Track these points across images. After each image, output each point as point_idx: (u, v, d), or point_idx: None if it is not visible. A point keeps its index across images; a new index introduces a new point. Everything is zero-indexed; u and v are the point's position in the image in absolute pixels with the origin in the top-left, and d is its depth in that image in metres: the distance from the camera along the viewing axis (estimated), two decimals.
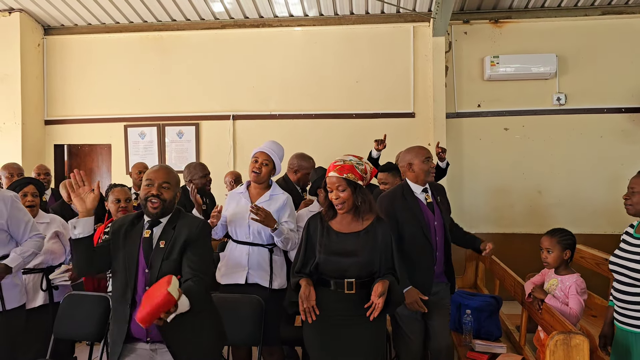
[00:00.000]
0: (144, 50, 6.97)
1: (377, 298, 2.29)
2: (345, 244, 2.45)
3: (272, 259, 3.19)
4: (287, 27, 6.78)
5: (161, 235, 2.26)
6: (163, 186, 2.26)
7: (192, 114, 6.88)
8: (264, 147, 3.32)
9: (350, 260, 2.41)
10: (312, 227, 2.57)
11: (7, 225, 2.58)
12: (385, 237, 2.47)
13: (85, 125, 7.08)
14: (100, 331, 3.15)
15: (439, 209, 3.08)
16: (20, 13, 6.69)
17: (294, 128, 6.64)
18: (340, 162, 2.44)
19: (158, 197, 2.24)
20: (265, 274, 3.17)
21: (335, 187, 2.43)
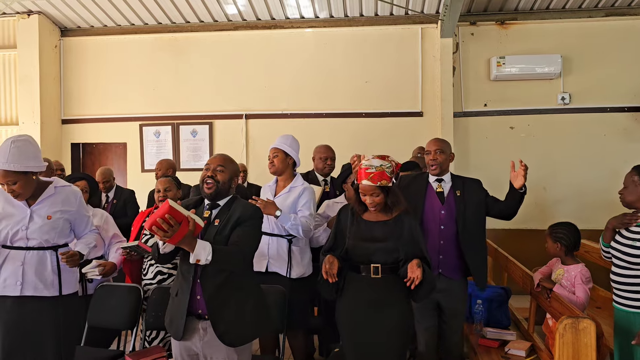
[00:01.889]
0: (158, 51, 7.15)
1: (415, 267, 2.47)
2: (372, 231, 2.65)
3: (291, 249, 3.39)
4: (298, 29, 6.96)
5: (217, 215, 2.47)
6: (217, 169, 2.47)
7: (206, 113, 7.07)
8: (276, 142, 3.54)
9: (376, 245, 2.61)
10: (343, 216, 2.78)
11: (74, 217, 2.75)
12: (412, 227, 2.65)
13: (101, 124, 7.27)
14: (132, 320, 3.34)
15: (453, 200, 3.15)
16: (38, 15, 6.88)
17: (304, 127, 6.82)
18: (373, 170, 2.61)
19: (212, 178, 2.44)
20: (283, 263, 3.38)
21: (369, 194, 2.63)
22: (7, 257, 2.62)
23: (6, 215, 2.64)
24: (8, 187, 2.57)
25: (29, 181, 2.61)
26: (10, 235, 2.60)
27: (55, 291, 2.65)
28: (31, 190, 2.64)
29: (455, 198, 3.15)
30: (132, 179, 7.11)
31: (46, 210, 2.66)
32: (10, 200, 2.67)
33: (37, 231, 2.61)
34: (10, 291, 2.59)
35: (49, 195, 2.70)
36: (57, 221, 2.68)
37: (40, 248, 2.64)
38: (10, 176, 2.55)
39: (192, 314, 2.41)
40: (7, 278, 2.60)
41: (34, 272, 2.61)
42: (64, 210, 2.71)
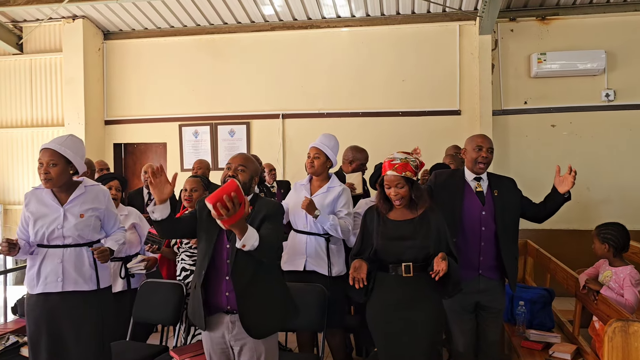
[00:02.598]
0: (197, 52, 7.28)
1: (440, 261, 2.45)
2: (400, 230, 2.64)
3: (329, 248, 3.41)
4: (334, 28, 6.97)
5: None
6: (239, 169, 2.51)
7: (243, 113, 7.16)
8: (316, 141, 3.54)
9: (406, 243, 2.60)
10: (369, 218, 2.77)
11: (103, 214, 2.85)
12: (438, 224, 2.64)
13: (142, 124, 7.46)
14: (175, 316, 3.42)
15: (492, 200, 3.05)
16: (82, 20, 7.11)
17: (341, 126, 6.82)
18: (398, 161, 2.62)
19: (234, 177, 2.48)
20: (322, 262, 3.39)
21: (394, 185, 2.62)
22: (46, 256, 2.72)
23: (40, 215, 2.74)
24: (45, 168, 2.68)
25: (65, 173, 2.73)
26: (47, 234, 2.71)
27: (94, 285, 2.76)
28: (61, 182, 2.74)
29: (493, 198, 3.06)
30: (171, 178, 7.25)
31: (78, 209, 2.76)
32: (43, 200, 2.77)
33: (72, 229, 2.71)
34: (51, 287, 2.70)
35: (79, 194, 2.80)
36: (89, 219, 2.77)
37: (76, 245, 2.75)
38: (55, 158, 2.69)
39: (221, 309, 2.46)
40: (47, 275, 2.71)
41: (73, 268, 2.71)
42: (94, 208, 2.81)
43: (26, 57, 7.50)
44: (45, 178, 2.69)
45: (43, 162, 2.69)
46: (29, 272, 2.75)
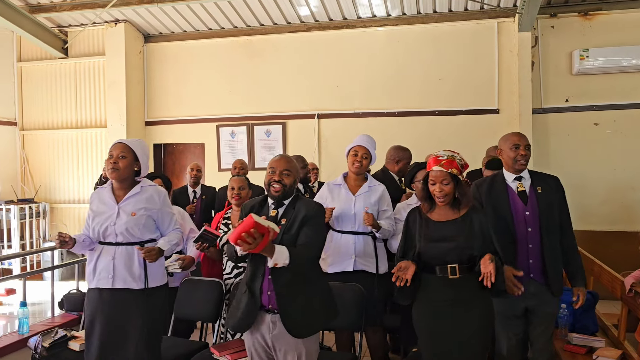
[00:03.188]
0: (234, 54, 7.39)
1: (487, 263, 2.41)
2: (443, 231, 2.61)
3: (376, 246, 3.42)
4: (370, 28, 6.95)
5: (283, 214, 2.56)
6: (284, 173, 2.53)
7: (279, 114, 7.22)
8: (361, 141, 3.53)
9: (449, 245, 2.56)
10: (412, 219, 2.75)
11: (157, 214, 2.92)
12: (481, 224, 2.59)
13: (180, 125, 7.62)
14: (215, 313, 3.49)
15: (535, 199, 2.93)
16: (124, 24, 7.31)
17: (377, 126, 6.81)
18: (444, 157, 2.60)
19: (279, 183, 2.52)
20: (371, 260, 3.40)
21: (439, 181, 2.58)
22: (101, 252, 2.84)
23: (99, 212, 2.86)
24: (115, 158, 2.81)
25: (130, 167, 2.85)
26: (102, 231, 2.81)
27: (142, 284, 2.82)
28: (125, 175, 2.84)
29: (537, 196, 2.94)
30: (209, 178, 7.37)
31: (131, 207, 2.84)
32: (103, 199, 2.88)
33: (123, 227, 2.79)
34: (103, 283, 2.81)
35: (135, 193, 2.88)
36: (141, 218, 2.84)
37: (127, 243, 2.83)
38: (126, 151, 2.83)
39: (261, 308, 2.50)
40: (101, 271, 2.81)
41: (123, 266, 2.80)
42: (147, 208, 2.87)
43: (71, 61, 7.76)
44: (112, 168, 2.80)
45: (113, 154, 2.82)
46: (88, 267, 2.87)
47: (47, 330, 3.67)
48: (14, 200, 7.57)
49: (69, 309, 4.64)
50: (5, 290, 5.89)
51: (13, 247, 7.36)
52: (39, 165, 7.96)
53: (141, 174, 2.93)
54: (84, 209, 7.61)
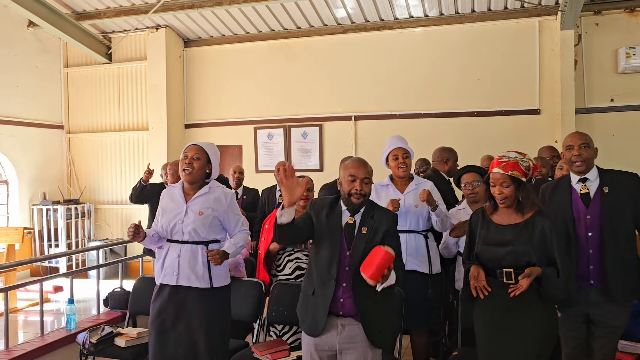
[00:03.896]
0: (271, 56, 7.47)
1: (521, 278, 2.38)
2: (502, 235, 2.54)
3: (428, 245, 3.39)
4: (407, 29, 6.92)
5: (362, 222, 2.52)
6: (364, 181, 2.51)
7: (316, 116, 7.27)
8: (395, 143, 3.50)
9: (505, 249, 2.50)
10: (474, 220, 2.70)
11: (223, 215, 2.94)
12: (544, 229, 2.50)
13: (219, 128, 7.76)
14: (254, 313, 3.53)
15: (599, 201, 2.76)
16: (165, 29, 7.50)
17: (413, 127, 6.76)
18: (505, 159, 2.54)
19: (360, 193, 2.49)
20: (423, 260, 3.37)
21: (499, 183, 2.53)
22: (169, 249, 2.89)
23: (168, 209, 2.93)
24: (189, 159, 2.87)
25: (203, 169, 2.90)
26: (170, 228, 2.87)
27: (206, 283, 2.85)
28: (198, 176, 2.90)
29: (602, 197, 2.77)
30: (247, 179, 7.45)
31: (199, 207, 2.89)
32: (173, 196, 2.96)
33: (190, 225, 2.84)
34: (168, 280, 2.86)
35: (203, 193, 2.93)
36: (207, 218, 2.88)
37: (193, 242, 2.87)
38: (200, 153, 2.88)
39: (332, 313, 2.48)
40: (167, 267, 2.87)
41: (187, 264, 2.84)
42: (214, 208, 2.91)
43: (114, 66, 8.01)
44: (186, 168, 2.86)
45: (188, 155, 2.88)
46: (157, 263, 2.94)
47: (93, 326, 3.80)
48: (61, 200, 7.86)
49: (113, 307, 4.77)
50: (53, 287, 6.12)
51: (60, 246, 7.64)
52: (83, 167, 8.24)
53: (212, 177, 2.97)
54: (127, 209, 7.85)
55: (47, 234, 7.64)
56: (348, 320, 2.45)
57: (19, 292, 6.07)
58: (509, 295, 2.45)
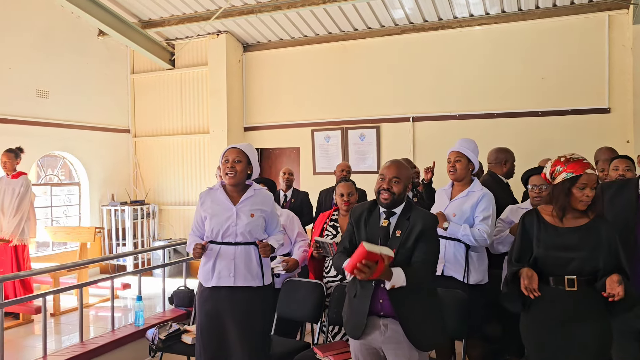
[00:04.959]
0: (328, 59, 7.52)
1: (616, 285, 2.25)
2: (564, 238, 2.44)
3: (469, 255, 3.31)
4: (467, 27, 6.78)
5: (397, 224, 2.52)
6: (393, 180, 2.50)
7: (373, 117, 7.24)
8: (456, 146, 3.46)
9: (570, 255, 2.40)
10: (528, 222, 2.58)
11: (269, 216, 3.07)
12: (608, 233, 2.40)
13: (277, 130, 7.88)
14: (315, 314, 3.56)
15: None
16: (226, 34, 7.70)
17: (474, 128, 6.61)
18: (587, 160, 2.46)
19: (388, 191, 2.49)
20: (460, 268, 3.30)
21: (591, 185, 2.41)
22: (220, 252, 2.96)
23: (215, 213, 2.99)
24: (231, 163, 2.95)
25: (245, 171, 2.99)
26: (222, 232, 2.94)
27: (260, 282, 2.96)
28: (241, 179, 2.99)
29: None
30: (304, 182, 7.56)
31: (248, 209, 2.98)
32: (217, 200, 3.02)
33: (244, 227, 2.93)
34: (224, 282, 2.94)
35: (250, 195, 3.03)
36: (258, 219, 2.98)
37: (245, 243, 2.96)
38: (240, 156, 2.97)
39: (374, 314, 2.49)
40: (221, 270, 2.94)
41: (244, 265, 2.93)
42: (262, 210, 3.02)
43: (177, 72, 8.30)
44: (230, 172, 2.95)
45: (229, 159, 2.96)
46: (204, 267, 3.00)
47: (161, 323, 3.95)
48: (128, 201, 8.22)
49: (178, 304, 4.94)
50: (122, 284, 6.40)
51: (127, 245, 7.99)
52: (148, 169, 8.58)
53: (252, 177, 3.07)
54: (189, 211, 8.10)
55: (115, 233, 8.02)
56: (390, 320, 2.45)
57: (90, 288, 6.41)
58: (569, 304, 2.37)
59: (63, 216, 7.92)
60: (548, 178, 2.55)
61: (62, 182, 7.93)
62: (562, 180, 2.45)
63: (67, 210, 7.98)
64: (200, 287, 3.05)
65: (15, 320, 5.39)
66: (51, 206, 7.68)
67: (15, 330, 5.19)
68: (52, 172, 7.82)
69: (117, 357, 4.19)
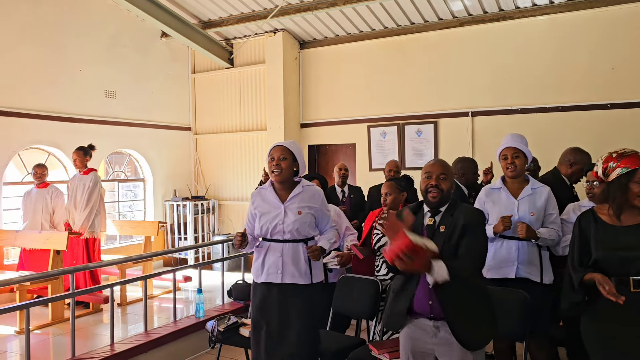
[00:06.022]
0: (384, 54, 7.45)
1: None
2: (625, 238, 2.32)
3: (542, 254, 3.20)
4: (529, 18, 6.52)
5: (441, 221, 2.48)
6: (440, 177, 2.46)
7: (430, 113, 7.11)
8: (507, 142, 3.30)
9: (632, 254, 2.27)
10: (585, 223, 2.46)
11: (318, 213, 3.07)
12: None
13: (333, 127, 7.89)
14: (371, 311, 3.55)
15: None
16: (282, 32, 7.78)
17: (536, 123, 6.37)
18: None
19: (436, 187, 2.45)
20: (535, 269, 3.18)
21: None
22: (269, 249, 3.01)
23: (265, 211, 3.03)
24: (276, 161, 2.97)
25: (290, 168, 3.00)
26: (270, 229, 2.99)
27: (308, 279, 2.98)
28: (287, 176, 3.00)
29: None
30: (360, 178, 7.54)
31: (296, 206, 2.99)
32: (267, 199, 3.06)
33: (291, 225, 2.95)
34: (272, 278, 2.98)
35: (298, 192, 3.03)
36: (306, 216, 2.99)
37: (293, 240, 2.99)
38: (285, 153, 2.98)
39: (423, 315, 2.43)
40: (269, 267, 2.99)
41: (291, 262, 2.96)
42: (310, 207, 3.02)
43: (235, 70, 8.48)
44: (275, 170, 2.98)
45: (275, 157, 2.99)
46: (255, 262, 3.07)
47: (220, 315, 4.06)
48: (189, 197, 8.49)
49: (236, 298, 5.06)
50: (183, 277, 6.63)
51: (188, 239, 8.27)
52: (209, 166, 8.83)
53: (299, 173, 3.07)
54: (246, 206, 8.23)
55: (177, 227, 8.31)
56: (441, 322, 2.39)
57: (154, 280, 6.67)
58: (635, 304, 2.23)
59: (129, 211, 8.30)
60: (600, 176, 2.43)
61: (128, 178, 8.31)
62: (617, 176, 2.33)
63: (133, 205, 8.35)
64: (253, 282, 3.12)
65: (86, 309, 5.71)
66: (118, 201, 8.06)
67: (86, 318, 5.50)
68: (119, 169, 8.21)
69: (179, 347, 4.34)
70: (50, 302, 5.12)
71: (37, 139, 6.67)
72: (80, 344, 4.06)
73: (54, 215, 6.12)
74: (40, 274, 4.48)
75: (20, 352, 4.57)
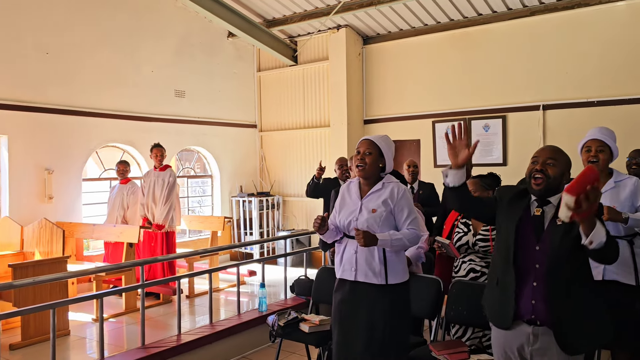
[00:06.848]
0: (450, 47, 7.25)
1: None
2: None
3: (635, 252, 2.97)
4: (607, 4, 6.12)
5: (556, 213, 2.19)
6: (547, 162, 2.22)
7: (499, 107, 6.85)
8: (593, 134, 3.09)
9: None
10: None
11: (395, 210, 2.88)
12: None
13: (397, 122, 7.79)
14: (432, 310, 3.46)
15: None
16: (345, 28, 7.76)
17: (617, 115, 5.97)
18: None
19: (542, 172, 2.20)
20: (627, 269, 2.95)
21: None
22: (346, 245, 2.94)
23: (344, 206, 2.97)
24: (361, 155, 2.86)
25: (376, 165, 2.86)
26: (346, 225, 2.92)
27: (382, 280, 2.84)
28: (371, 171, 2.87)
29: None
30: (425, 174, 7.39)
31: (372, 204, 2.87)
32: (350, 193, 2.99)
33: (364, 223, 2.84)
34: (347, 275, 2.92)
35: (376, 189, 2.90)
36: (380, 214, 2.84)
37: None
38: (371, 148, 2.84)
39: (521, 317, 2.24)
40: (345, 263, 2.93)
41: (364, 261, 2.86)
42: (387, 204, 2.86)
43: (299, 68, 8.55)
44: (359, 164, 2.87)
45: (360, 150, 2.88)
46: (336, 257, 3.02)
47: (281, 310, 4.11)
48: (255, 193, 8.68)
49: (298, 293, 5.10)
50: (248, 271, 6.79)
51: (254, 234, 8.45)
52: (273, 163, 8.98)
53: (386, 170, 2.92)
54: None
55: (243, 223, 8.51)
56: (542, 329, 2.19)
57: (220, 274, 6.88)
58: None
59: (198, 206, 8.60)
60: None
61: (197, 175, 8.60)
62: None
63: (202, 201, 8.64)
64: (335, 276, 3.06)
65: (156, 300, 5.97)
66: (187, 197, 8.36)
67: (156, 309, 5.76)
68: (189, 165, 8.52)
69: (242, 339, 4.45)
70: (123, 292, 5.40)
71: (113, 137, 7.04)
72: (149, 333, 4.25)
73: (127, 211, 6.43)
74: (113, 266, 4.74)
75: (96, 338, 4.86)
